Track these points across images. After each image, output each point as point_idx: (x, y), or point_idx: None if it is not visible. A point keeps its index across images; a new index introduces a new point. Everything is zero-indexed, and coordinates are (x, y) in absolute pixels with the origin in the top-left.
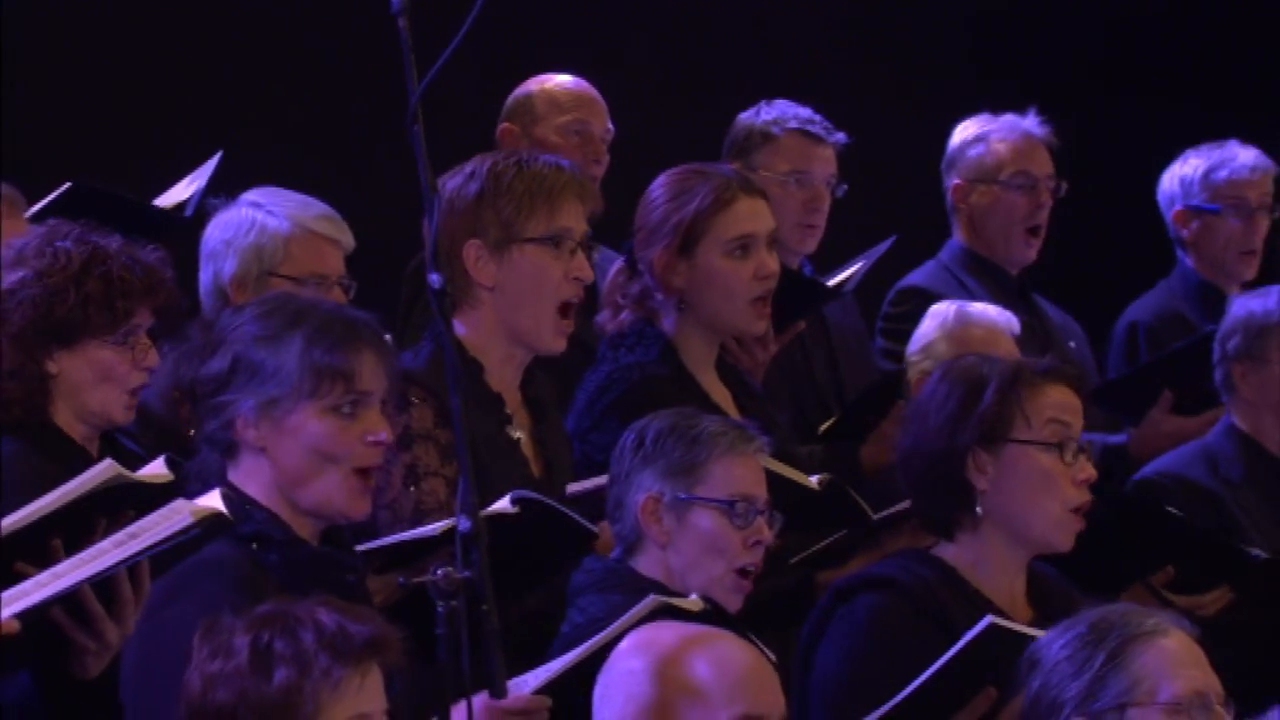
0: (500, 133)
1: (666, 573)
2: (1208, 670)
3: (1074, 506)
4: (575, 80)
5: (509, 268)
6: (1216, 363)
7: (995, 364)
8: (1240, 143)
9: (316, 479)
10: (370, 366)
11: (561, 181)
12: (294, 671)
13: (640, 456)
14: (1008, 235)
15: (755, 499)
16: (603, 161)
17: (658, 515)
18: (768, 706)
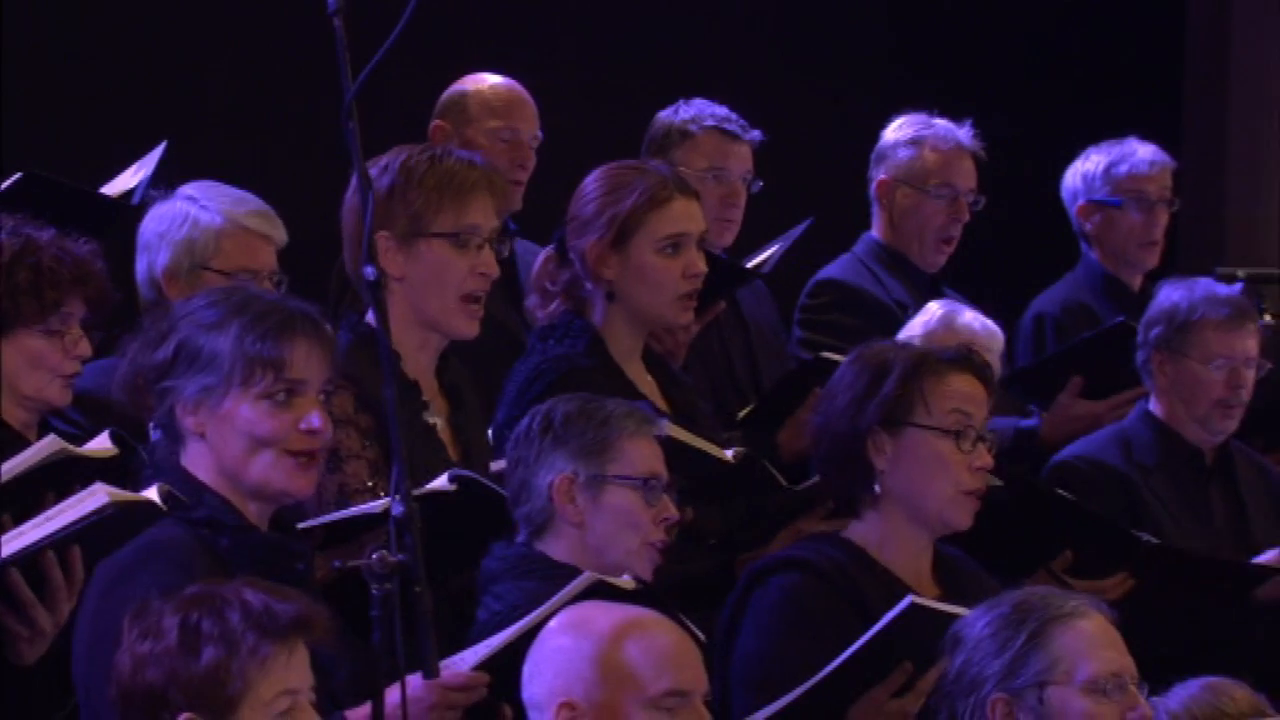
0: (432, 130)
1: (579, 552)
2: (1123, 651)
3: (967, 489)
4: (508, 83)
5: (414, 260)
6: (1139, 345)
7: (903, 350)
8: (1139, 139)
9: (252, 462)
10: (303, 356)
11: (472, 178)
12: (222, 650)
13: (550, 439)
14: (922, 239)
15: (661, 477)
16: (528, 166)
17: (571, 495)
18: (693, 683)
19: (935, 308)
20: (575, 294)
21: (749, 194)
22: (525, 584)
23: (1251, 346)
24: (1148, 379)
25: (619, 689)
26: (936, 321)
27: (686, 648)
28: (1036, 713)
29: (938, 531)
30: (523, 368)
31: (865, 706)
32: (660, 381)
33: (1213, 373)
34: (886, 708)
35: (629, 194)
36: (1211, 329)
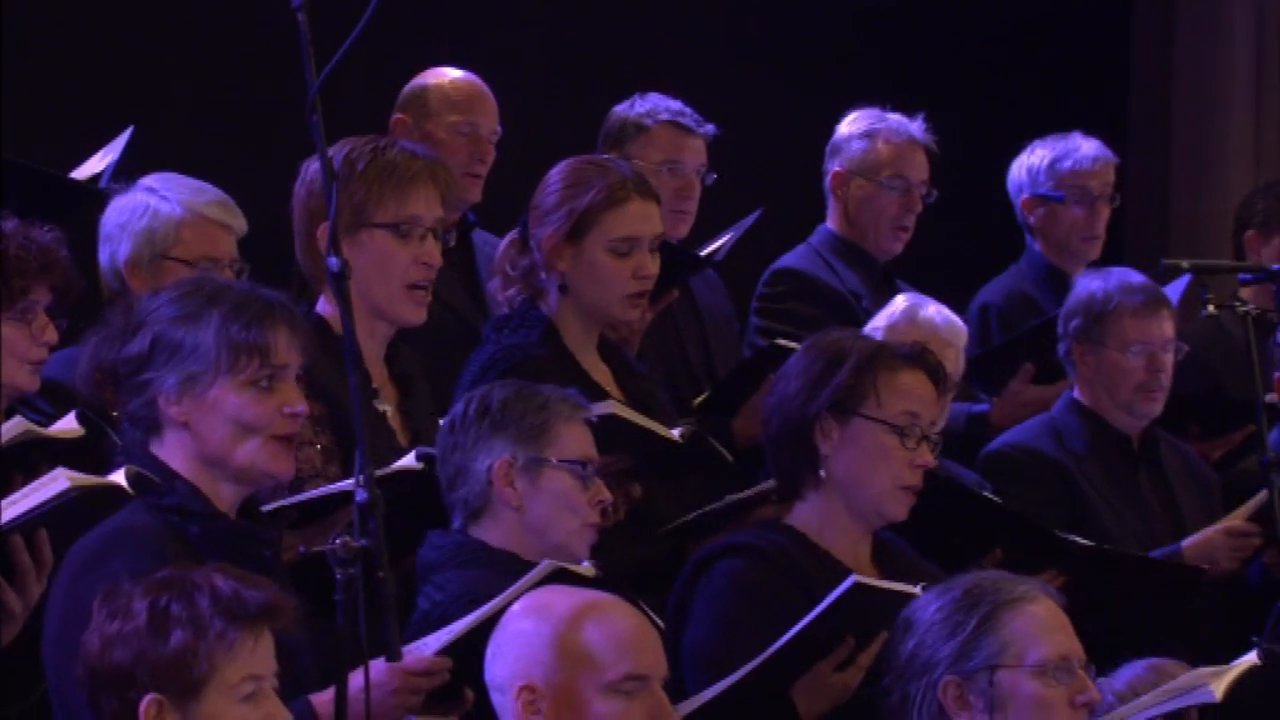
0: (393, 123)
1: (518, 536)
2: (1071, 635)
3: (904, 485)
4: (468, 77)
5: (359, 251)
6: (1060, 339)
7: (860, 341)
8: (1084, 134)
9: (238, 448)
10: (285, 342)
11: (414, 169)
12: (190, 634)
13: (488, 424)
14: (877, 229)
15: (594, 461)
16: (487, 160)
17: (510, 479)
18: (652, 667)
19: (900, 301)
20: (532, 281)
21: (703, 186)
22: (466, 572)
23: (1168, 330)
24: (1071, 370)
25: (578, 673)
26: (900, 315)
27: (645, 632)
28: (987, 695)
29: (874, 522)
30: (477, 358)
31: (809, 682)
32: (615, 370)
33: (1131, 359)
34: (829, 682)
35: (587, 190)
36: (1127, 317)
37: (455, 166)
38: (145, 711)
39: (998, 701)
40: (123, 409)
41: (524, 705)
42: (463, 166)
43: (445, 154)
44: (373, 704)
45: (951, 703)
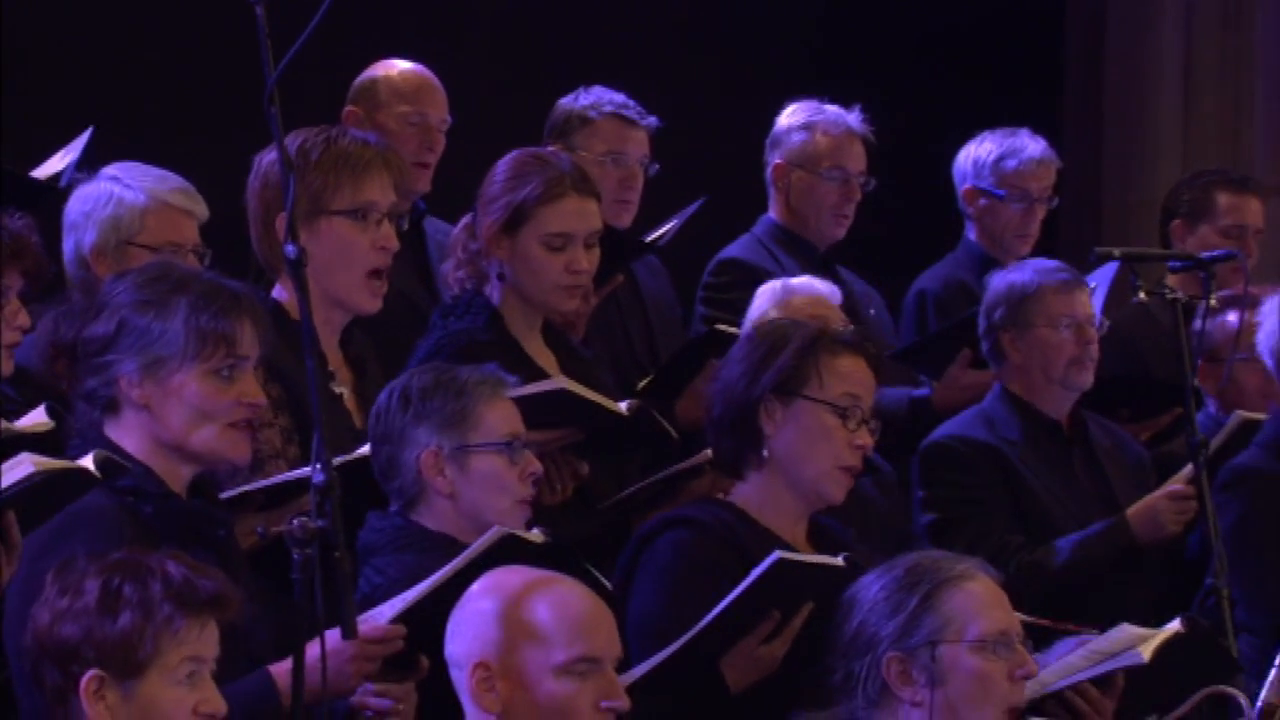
0: (345, 115)
1: (453, 519)
2: (1009, 611)
3: (844, 465)
4: (416, 69)
5: (316, 239)
6: (983, 335)
7: (799, 326)
8: (1031, 133)
9: (195, 433)
10: (249, 333)
11: (367, 157)
12: (138, 616)
13: (410, 414)
14: (818, 218)
15: (520, 435)
16: (437, 149)
17: (440, 468)
18: (604, 649)
19: (775, 284)
20: (478, 265)
21: (646, 177)
22: (404, 557)
23: (1088, 306)
24: (996, 363)
25: (530, 653)
26: (781, 292)
27: (599, 614)
28: (929, 670)
29: (813, 503)
30: (425, 343)
31: (737, 655)
32: (559, 355)
33: (1062, 333)
34: (756, 654)
35: (525, 184)
36: (1051, 294)
37: (406, 156)
38: (86, 686)
39: (939, 675)
40: (78, 386)
41: (479, 682)
42: (413, 156)
43: (396, 144)
44: (330, 672)
45: (895, 678)
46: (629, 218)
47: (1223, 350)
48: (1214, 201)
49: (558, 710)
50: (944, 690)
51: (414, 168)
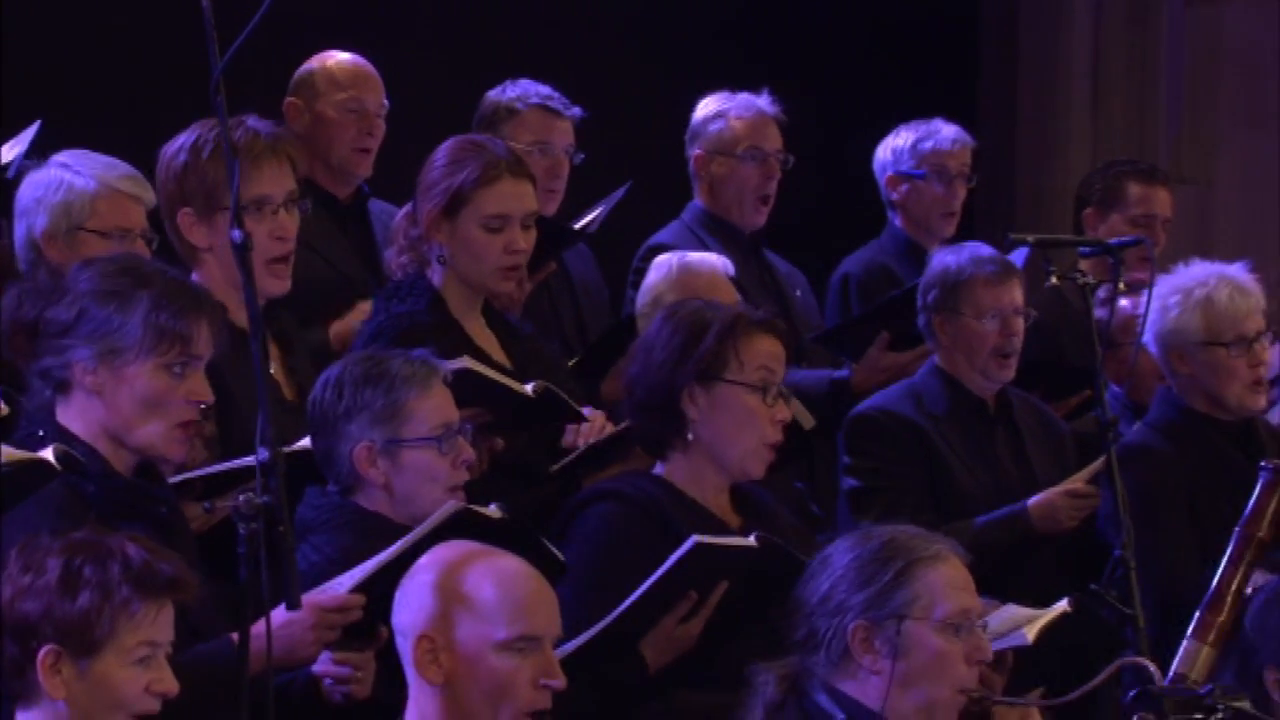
0: (286, 106)
1: (389, 505)
2: (974, 593)
3: (769, 442)
4: (353, 59)
5: (216, 232)
6: (919, 310)
7: (718, 311)
8: (945, 120)
9: (141, 428)
10: (205, 334)
11: (259, 148)
12: (97, 597)
13: (342, 409)
14: (741, 202)
15: (452, 423)
16: (376, 134)
17: (373, 461)
18: (544, 628)
19: (665, 259)
20: (420, 251)
21: (571, 165)
22: (340, 537)
23: (1018, 298)
24: (930, 338)
25: (473, 629)
26: (676, 269)
27: (541, 593)
28: (893, 642)
29: (736, 478)
30: (368, 327)
31: (656, 635)
32: (499, 335)
33: (986, 325)
34: (674, 634)
35: (463, 169)
36: (981, 286)
37: (346, 143)
38: (43, 661)
39: (902, 649)
40: (35, 363)
41: (423, 654)
42: (353, 142)
43: (337, 131)
44: (290, 640)
45: (858, 645)
46: (554, 206)
47: (1123, 335)
48: (1125, 191)
49: (497, 685)
50: (905, 663)
51: (355, 153)
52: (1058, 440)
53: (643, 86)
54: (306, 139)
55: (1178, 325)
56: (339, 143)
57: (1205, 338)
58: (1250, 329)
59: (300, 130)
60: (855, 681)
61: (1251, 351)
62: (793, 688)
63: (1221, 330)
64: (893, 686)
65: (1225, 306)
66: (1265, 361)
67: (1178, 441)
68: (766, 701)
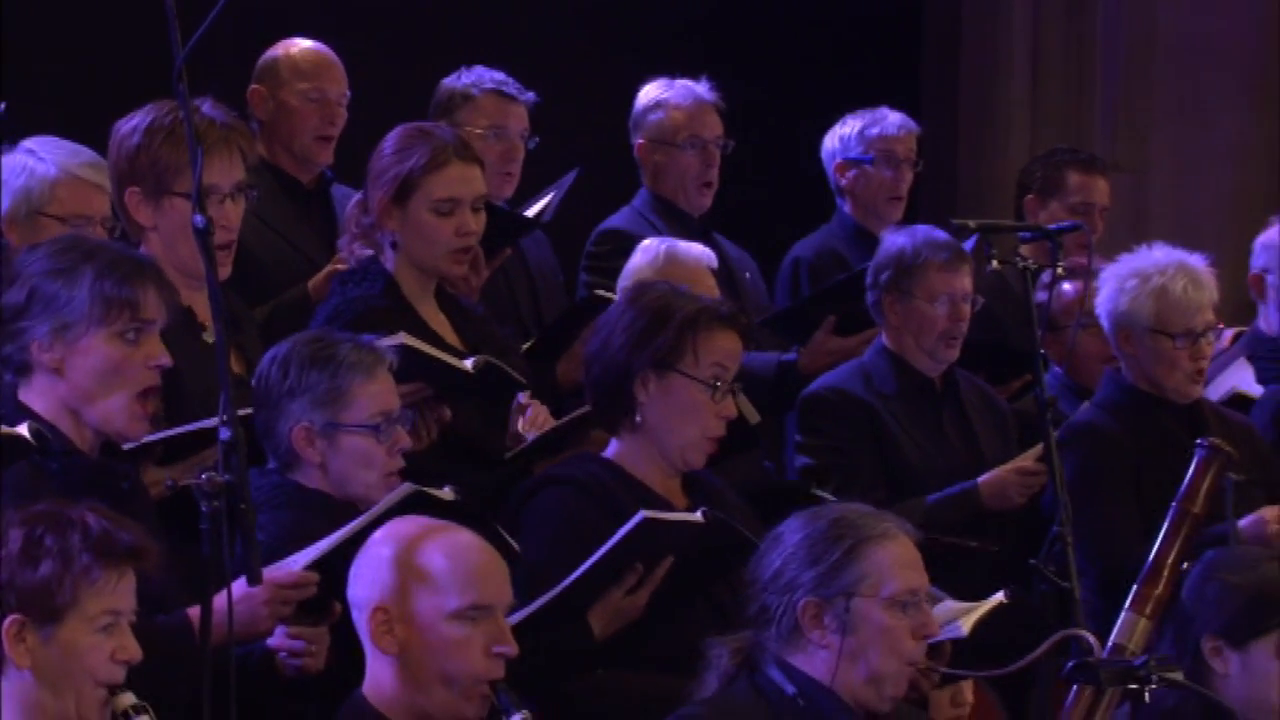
0: (250, 94)
1: (326, 484)
2: (921, 571)
3: (711, 435)
4: (315, 47)
5: (163, 215)
6: (869, 289)
7: (680, 300)
8: (890, 108)
9: (104, 399)
10: (154, 299)
11: (211, 138)
12: (58, 565)
13: (287, 386)
14: (685, 188)
15: (392, 412)
16: (338, 122)
17: (311, 441)
18: (495, 597)
19: (652, 244)
20: (372, 238)
21: (526, 150)
22: (282, 515)
23: (967, 284)
24: (879, 318)
25: (426, 599)
26: (662, 256)
27: (492, 563)
28: (841, 619)
29: (678, 467)
30: (324, 308)
31: (604, 606)
32: (452, 318)
33: (936, 309)
34: (621, 605)
35: (411, 156)
36: (933, 270)
37: (309, 131)
38: (7, 629)
39: (850, 625)
40: None
41: (378, 625)
42: (315, 130)
43: (299, 119)
44: (246, 615)
45: (808, 621)
46: (511, 189)
47: (1064, 319)
48: (1065, 179)
49: (451, 653)
50: (853, 638)
51: (317, 141)
52: (1001, 419)
53: (595, 73)
54: (270, 125)
55: (1130, 308)
56: (301, 131)
57: (1154, 325)
58: (1198, 324)
59: (263, 117)
60: (805, 655)
61: (1196, 345)
62: (745, 661)
63: (1170, 321)
64: (841, 660)
65: (1178, 298)
66: (1207, 356)
67: (1124, 420)
68: (720, 674)
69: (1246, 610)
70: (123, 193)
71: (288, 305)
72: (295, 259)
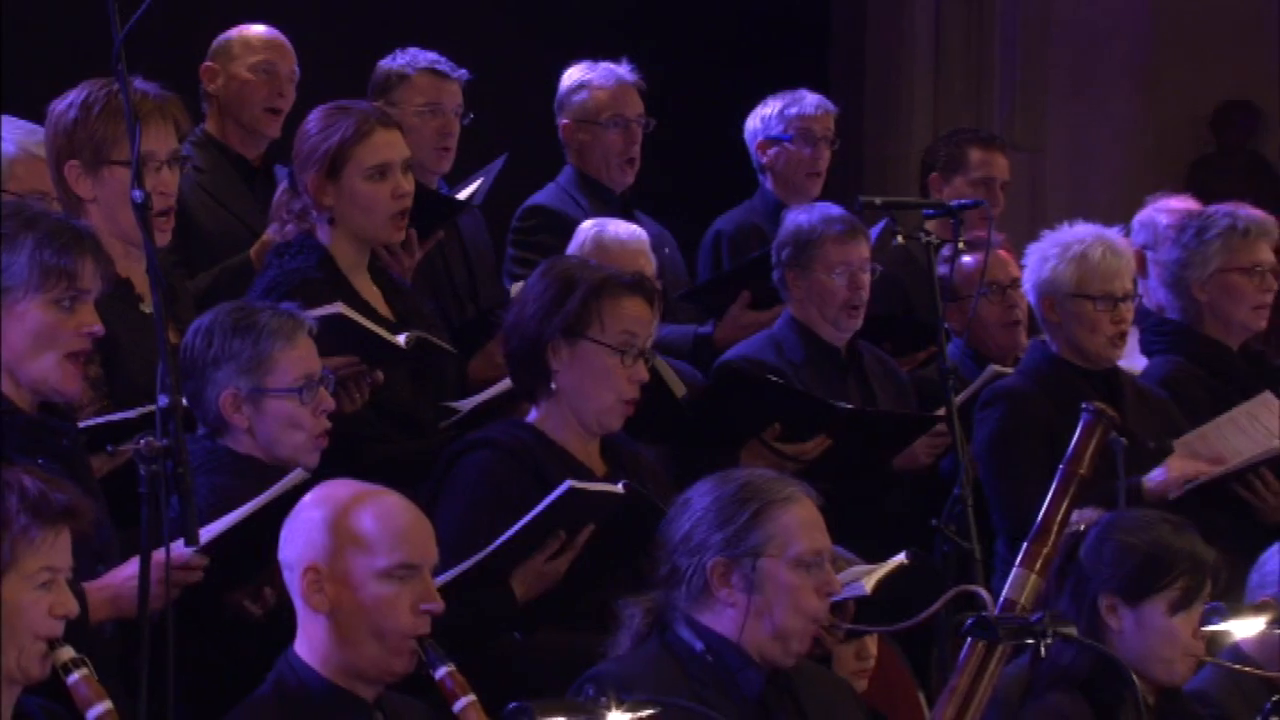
0: (202, 70)
1: (255, 447)
2: (825, 533)
3: (625, 399)
4: (269, 29)
5: (102, 185)
6: (774, 266)
7: (587, 270)
8: (809, 90)
9: (34, 359)
10: (90, 269)
11: (146, 108)
12: None
13: (212, 355)
14: (609, 165)
15: (314, 374)
16: (287, 96)
17: (238, 407)
18: (422, 556)
19: (588, 226)
20: (306, 220)
21: (462, 125)
22: (214, 479)
23: (864, 253)
24: (784, 292)
25: (355, 558)
26: (591, 241)
27: (418, 525)
28: (749, 578)
29: (594, 431)
30: (261, 281)
31: (526, 570)
32: (384, 290)
33: (835, 280)
34: (543, 569)
35: (336, 131)
36: (830, 243)
37: (258, 102)
38: None
39: (757, 584)
40: None
41: (309, 584)
42: (264, 102)
43: (249, 91)
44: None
45: (716, 580)
46: (448, 164)
47: (965, 289)
48: (966, 157)
49: (380, 610)
50: (760, 597)
51: (265, 113)
52: (901, 386)
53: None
54: (220, 100)
55: (1053, 275)
56: (250, 102)
57: (1075, 290)
58: (1118, 288)
59: (214, 91)
60: (714, 614)
61: (1116, 309)
62: (657, 620)
63: (1090, 285)
64: (749, 618)
65: (1098, 263)
66: (1127, 320)
67: (1043, 385)
68: (633, 633)
69: (1141, 569)
70: (61, 168)
71: (232, 272)
72: (241, 232)
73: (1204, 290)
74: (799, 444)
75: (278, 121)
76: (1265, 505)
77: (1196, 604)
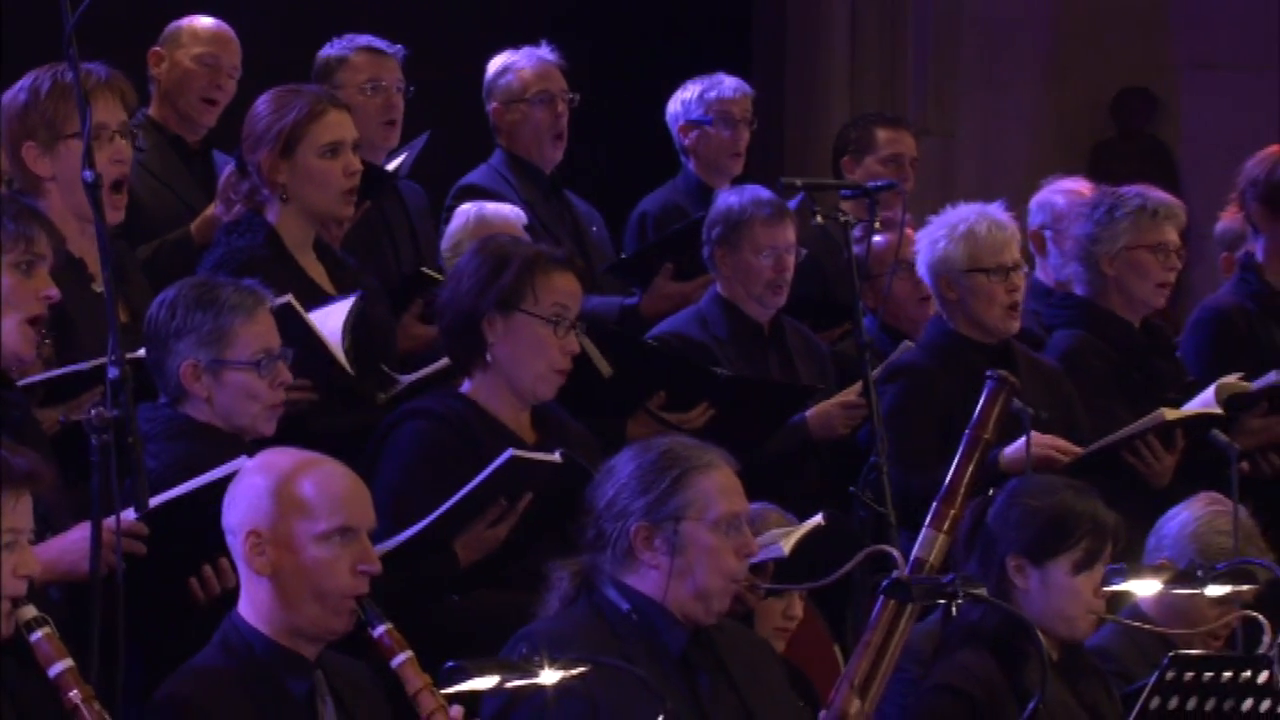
0: (149, 55)
1: (213, 416)
2: (743, 498)
3: (558, 369)
4: (217, 23)
5: (59, 161)
6: (704, 244)
7: (519, 246)
8: (727, 73)
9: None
10: (44, 240)
11: (92, 83)
12: None
13: (174, 326)
14: (539, 142)
15: (273, 349)
16: (225, 89)
17: (198, 377)
18: (360, 520)
19: (466, 209)
20: (254, 200)
21: (405, 99)
22: (175, 445)
23: (790, 236)
24: (713, 269)
25: (295, 522)
26: (474, 220)
27: (356, 490)
28: (671, 541)
29: (529, 400)
30: (209, 257)
31: (468, 536)
32: (328, 267)
33: (762, 260)
34: (484, 536)
35: (290, 111)
36: (758, 225)
37: (196, 91)
38: None
39: (679, 547)
40: None
41: (251, 547)
42: (201, 92)
43: (189, 80)
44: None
45: (640, 544)
46: (395, 138)
47: (878, 267)
48: (874, 138)
49: (320, 572)
50: (682, 559)
51: (201, 103)
52: (822, 361)
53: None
54: (163, 85)
55: (945, 255)
56: (189, 90)
57: (968, 265)
58: (1007, 259)
59: (157, 75)
60: (638, 575)
61: (1009, 279)
62: (584, 583)
63: (981, 258)
64: (671, 579)
65: (985, 238)
66: (1020, 288)
67: (941, 360)
68: (561, 595)
69: (1046, 531)
70: (18, 150)
71: (172, 244)
72: (180, 209)
73: (1112, 265)
74: (682, 413)
75: (214, 112)
76: (1152, 472)
77: (1098, 565)
